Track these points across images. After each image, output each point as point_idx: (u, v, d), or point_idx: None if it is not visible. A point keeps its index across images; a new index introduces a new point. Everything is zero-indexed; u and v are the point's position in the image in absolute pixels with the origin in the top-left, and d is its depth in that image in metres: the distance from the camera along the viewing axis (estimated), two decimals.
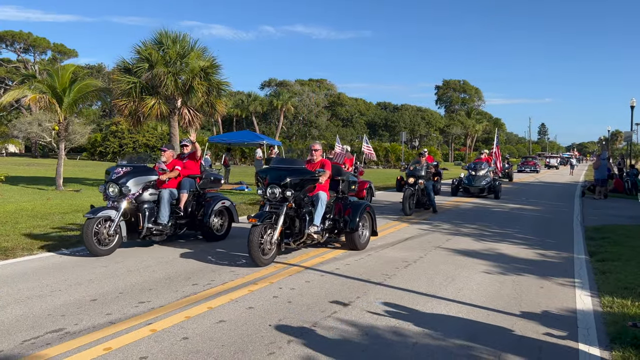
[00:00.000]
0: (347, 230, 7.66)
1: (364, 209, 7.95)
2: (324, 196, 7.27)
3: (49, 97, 17.40)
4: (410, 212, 12.32)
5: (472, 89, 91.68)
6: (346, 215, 7.74)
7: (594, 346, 4.19)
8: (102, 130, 53.11)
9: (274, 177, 6.88)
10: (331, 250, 7.87)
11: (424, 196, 13.14)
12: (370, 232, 8.20)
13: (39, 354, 3.74)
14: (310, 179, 7.13)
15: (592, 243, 8.92)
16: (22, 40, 57.91)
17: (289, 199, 6.77)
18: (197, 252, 7.62)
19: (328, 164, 7.69)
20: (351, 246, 7.81)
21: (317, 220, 7.13)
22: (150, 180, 7.85)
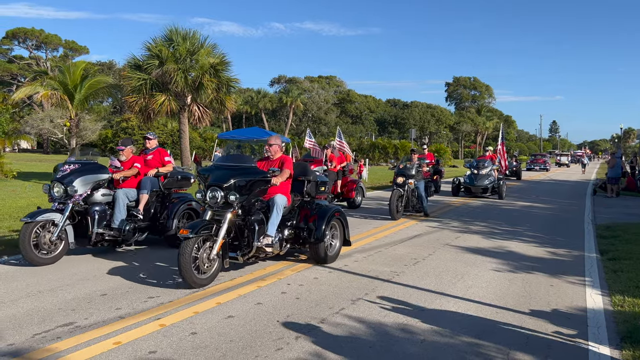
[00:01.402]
0: (312, 240, 6.46)
1: (332, 215, 6.75)
2: (281, 200, 6.10)
3: (60, 93, 17.56)
4: (398, 216, 11.09)
5: (483, 86, 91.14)
6: (311, 223, 6.59)
7: (604, 345, 4.15)
8: (113, 127, 53.42)
9: (216, 177, 5.73)
10: None
11: (415, 198, 11.81)
12: (341, 242, 7.04)
13: (50, 348, 3.78)
14: (262, 180, 5.99)
15: (603, 241, 8.84)
16: (34, 37, 58.46)
17: (233, 204, 5.60)
18: None
19: (289, 161, 6.54)
20: (316, 259, 6.62)
21: (270, 229, 5.96)
22: (101, 179, 6.94)
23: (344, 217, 7.09)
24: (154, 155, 7.95)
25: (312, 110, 71.33)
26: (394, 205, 11.01)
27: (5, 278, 5.75)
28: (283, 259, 6.86)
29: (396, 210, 11.06)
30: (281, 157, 6.62)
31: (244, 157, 6.33)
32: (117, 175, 7.20)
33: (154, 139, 8.10)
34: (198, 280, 5.32)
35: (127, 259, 6.80)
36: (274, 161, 6.58)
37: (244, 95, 62.28)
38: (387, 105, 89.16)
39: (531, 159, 47.80)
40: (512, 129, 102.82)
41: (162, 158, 7.93)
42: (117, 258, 6.84)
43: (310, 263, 6.72)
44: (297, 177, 6.79)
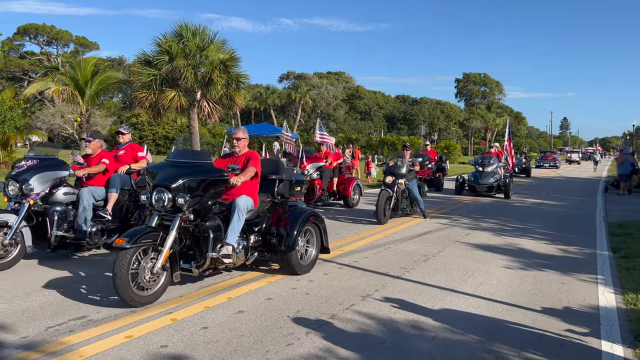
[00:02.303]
0: (282, 248, 5.66)
1: (306, 218, 5.95)
2: (243, 203, 5.30)
3: (71, 89, 17.69)
4: (385, 220, 9.83)
5: (493, 82, 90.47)
6: (282, 228, 5.78)
7: (617, 344, 4.11)
8: (123, 122, 53.80)
9: (163, 176, 4.92)
10: (349, 244, 7.86)
11: (406, 199, 10.62)
12: (318, 250, 6.25)
13: (62, 341, 3.81)
14: (219, 180, 5.17)
15: (616, 239, 8.75)
16: (45, 33, 58.82)
17: (182, 208, 4.77)
18: None
19: (255, 158, 5.73)
20: (288, 269, 5.80)
21: (230, 237, 5.16)
22: (61, 176, 6.33)
23: (321, 221, 6.28)
24: (125, 151, 7.37)
25: (321, 106, 71.23)
26: (381, 208, 9.77)
27: (19, 271, 5.80)
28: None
29: (383, 213, 9.78)
30: (247, 153, 5.83)
31: (198, 153, 5.69)
32: (80, 172, 6.60)
33: (128, 134, 7.52)
34: (138, 297, 4.52)
35: None
36: (239, 157, 5.80)
37: (253, 91, 62.32)
38: (396, 102, 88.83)
39: (540, 155, 46.95)
40: (522, 126, 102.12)
41: (134, 153, 7.35)
42: None
43: (320, 259, 6.71)
44: (267, 176, 6.01)
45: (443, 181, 17.94)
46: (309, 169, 11.51)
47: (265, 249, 5.84)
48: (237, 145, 5.85)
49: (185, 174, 4.90)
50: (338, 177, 12.48)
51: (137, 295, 4.52)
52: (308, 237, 6.18)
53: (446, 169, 20.44)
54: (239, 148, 5.85)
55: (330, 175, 12.12)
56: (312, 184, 11.42)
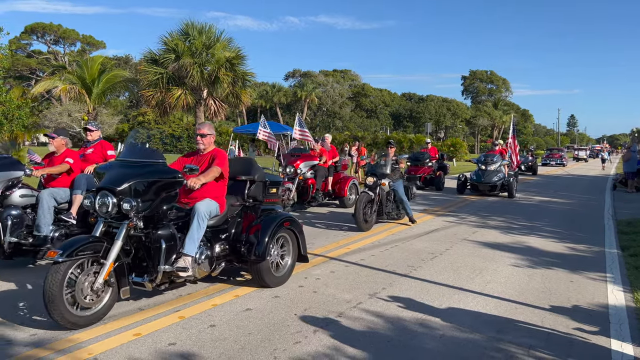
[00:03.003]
0: (252, 257, 5.06)
1: (279, 224, 5.36)
2: (205, 208, 4.69)
3: (78, 87, 17.78)
4: (367, 227, 8.74)
5: (500, 80, 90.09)
6: (252, 235, 5.20)
7: (627, 342, 4.08)
8: (130, 121, 54.01)
9: (109, 178, 4.37)
10: (357, 241, 7.85)
11: (391, 202, 9.55)
12: (294, 259, 5.65)
13: (71, 338, 3.83)
14: (172, 182, 4.54)
15: (624, 237, 8.69)
16: (52, 32, 59.15)
17: (129, 214, 4.20)
18: None
19: (221, 156, 5.11)
20: (259, 281, 5.19)
21: (189, 247, 4.56)
22: (14, 176, 5.77)
23: (297, 227, 5.67)
24: (94, 149, 6.77)
25: (326, 104, 71.19)
26: (359, 212, 8.56)
27: (36, 268, 5.83)
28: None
29: (363, 219, 8.64)
30: (213, 151, 5.21)
31: (151, 151, 4.91)
32: (39, 171, 6.03)
33: (97, 131, 6.86)
34: (74, 318, 3.94)
35: None
36: (204, 156, 5.18)
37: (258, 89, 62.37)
38: (403, 99, 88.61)
39: (547, 153, 46.13)
40: (529, 123, 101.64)
41: (104, 152, 6.76)
42: None
43: (327, 257, 6.72)
44: (236, 177, 5.47)
45: (444, 180, 17.32)
46: (302, 167, 11.06)
47: (235, 258, 5.20)
48: (202, 142, 5.17)
49: (133, 176, 4.32)
50: (334, 176, 11.93)
51: (74, 316, 3.94)
52: (283, 245, 5.57)
53: (447, 168, 19.87)
54: (203, 145, 5.18)
55: (324, 174, 11.55)
56: (305, 183, 11.08)
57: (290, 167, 10.98)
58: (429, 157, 17.51)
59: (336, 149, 12.82)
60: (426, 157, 17.39)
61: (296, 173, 10.89)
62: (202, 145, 5.19)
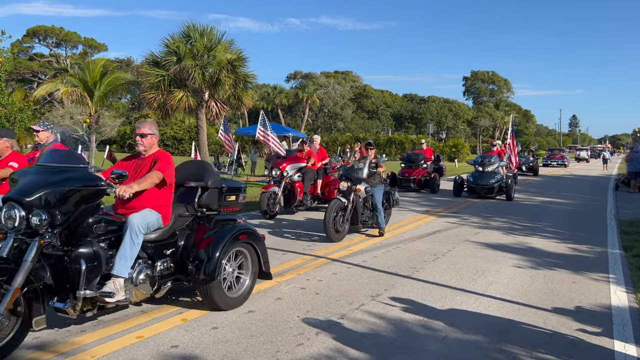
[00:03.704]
0: (201, 277, 4.39)
1: (233, 238, 4.66)
2: (140, 221, 4.03)
3: (80, 90, 17.81)
4: (338, 237, 7.86)
5: (501, 80, 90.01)
6: (202, 250, 4.53)
7: (630, 343, 4.07)
8: (131, 123, 54.09)
9: (20, 186, 3.68)
10: (358, 243, 7.85)
11: (368, 210, 8.61)
12: (254, 277, 4.96)
13: (74, 341, 3.84)
14: (94, 191, 3.81)
15: (627, 237, 8.67)
16: (54, 35, 59.31)
17: (39, 229, 3.54)
18: None
19: (164, 160, 4.40)
20: (211, 304, 4.54)
21: (119, 267, 3.90)
22: None
23: (257, 240, 4.96)
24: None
25: (328, 106, 71.20)
26: (329, 221, 7.66)
27: None
28: (300, 254, 6.87)
29: (334, 228, 7.76)
30: (156, 153, 4.50)
31: (72, 155, 4.22)
32: None
33: (45, 131, 6.13)
34: None
35: None
36: (145, 160, 4.50)
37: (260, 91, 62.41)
38: (404, 100, 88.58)
39: (548, 154, 45.76)
40: (531, 124, 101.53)
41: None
42: None
43: (329, 258, 6.72)
44: (182, 183, 4.82)
45: (439, 182, 16.75)
46: (289, 170, 10.60)
47: (183, 277, 4.54)
48: (141, 143, 4.46)
49: (46, 184, 3.63)
50: (323, 179, 11.33)
51: None
52: (241, 262, 4.92)
53: (443, 169, 19.09)
54: (143, 147, 4.47)
55: (313, 177, 11.00)
56: (292, 186, 10.58)
57: (276, 170, 10.57)
58: (424, 158, 17.08)
59: (325, 151, 12.28)
60: (421, 159, 16.99)
61: (282, 176, 10.46)
62: (142, 147, 4.48)
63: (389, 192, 9.18)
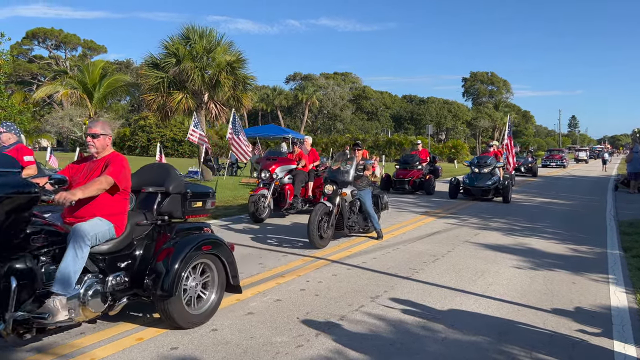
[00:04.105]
0: (158, 292, 3.95)
1: (196, 248, 4.20)
2: (87, 231, 3.61)
3: (80, 92, 17.84)
4: (323, 243, 7.42)
5: (500, 81, 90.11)
6: (160, 263, 4.07)
7: (629, 344, 4.07)
8: (131, 125, 54.12)
9: None
10: (358, 244, 7.85)
11: (355, 214, 8.21)
12: (220, 292, 4.51)
13: (73, 343, 3.83)
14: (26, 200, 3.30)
15: (627, 238, 8.68)
16: (53, 37, 59.38)
17: None
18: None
19: (116, 162, 3.96)
20: (170, 323, 4.11)
21: (61, 284, 3.48)
22: None
23: (223, 251, 4.50)
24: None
25: (327, 107, 71.26)
26: (314, 226, 7.22)
27: None
28: (300, 255, 6.87)
29: (318, 234, 7.30)
30: (109, 156, 4.06)
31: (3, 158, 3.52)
32: None
33: (7, 132, 5.92)
34: None
35: None
36: (97, 162, 4.04)
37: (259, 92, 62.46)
38: (403, 101, 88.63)
39: (547, 154, 45.38)
40: (530, 125, 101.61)
41: (20, 158, 5.86)
42: None
43: (329, 260, 6.72)
44: (141, 188, 4.46)
45: (435, 184, 16.40)
46: (278, 172, 10.28)
47: (141, 291, 4.07)
48: (93, 144, 4.01)
49: None
50: (314, 181, 10.95)
51: None
52: (205, 274, 4.45)
53: (439, 171, 18.50)
54: (95, 149, 4.03)
55: (304, 179, 10.68)
56: (282, 189, 10.29)
57: (266, 172, 10.20)
58: (419, 159, 16.73)
59: (317, 152, 11.89)
60: (416, 160, 16.64)
61: (272, 178, 10.12)
62: (94, 149, 4.02)
63: (378, 195, 8.88)
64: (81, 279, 3.64)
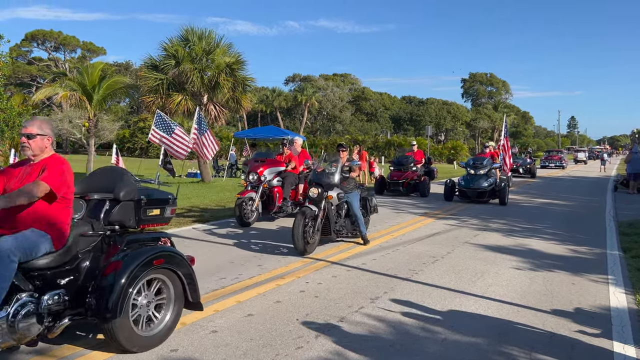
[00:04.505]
0: (101, 312, 3.49)
1: (146, 263, 3.72)
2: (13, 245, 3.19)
3: (79, 94, 17.82)
4: (309, 249, 7.05)
5: (499, 82, 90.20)
6: (104, 279, 3.60)
7: (629, 344, 4.08)
8: (130, 127, 54.15)
9: None
10: (358, 245, 7.85)
11: (342, 218, 7.78)
12: (176, 311, 4.04)
13: (72, 346, 3.82)
14: None
15: (626, 239, 8.68)
16: (52, 39, 59.39)
17: None
18: (221, 247, 7.69)
19: (53, 166, 3.51)
20: (116, 346, 3.67)
21: None
22: None
23: (180, 265, 4.01)
24: None
25: (327, 108, 71.29)
26: (298, 231, 6.83)
27: None
28: (299, 257, 6.86)
29: (303, 240, 6.90)
30: (47, 159, 3.60)
31: None
32: None
33: None
34: None
35: None
36: (34, 166, 3.58)
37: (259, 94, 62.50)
38: (403, 102, 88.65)
39: (545, 155, 44.79)
40: (529, 125, 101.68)
41: None
42: None
43: (328, 261, 6.72)
44: (86, 195, 4.01)
45: (429, 186, 15.91)
46: (267, 174, 9.90)
47: (84, 310, 3.59)
48: (28, 146, 3.54)
49: None
50: (304, 184, 10.32)
51: None
52: (160, 292, 4.00)
53: (435, 172, 17.91)
54: (31, 151, 3.56)
55: (293, 181, 10.28)
56: (271, 191, 9.88)
57: (253, 174, 9.76)
58: (414, 161, 16.34)
59: (308, 154, 11.29)
60: (410, 161, 16.28)
61: (260, 180, 9.71)
62: (30, 151, 3.55)
63: (366, 197, 8.49)
64: (10, 299, 3.17)
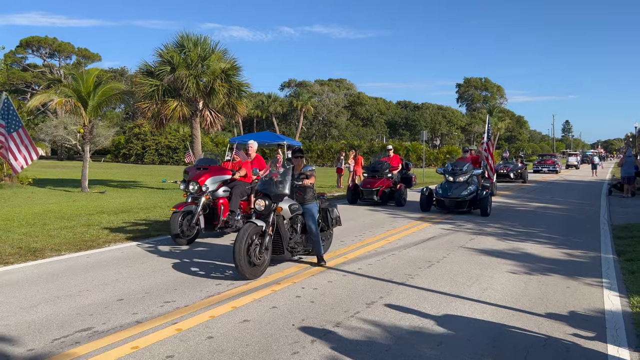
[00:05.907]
0: None
1: None
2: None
3: (74, 100, 17.77)
4: (256, 272, 5.99)
5: (494, 87, 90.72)
6: None
7: (623, 347, 4.10)
8: (126, 133, 54.05)
9: None
10: (353, 250, 7.86)
11: (297, 233, 6.67)
12: None
13: (69, 353, 3.82)
14: None
15: (620, 242, 8.73)
16: (47, 46, 59.30)
17: None
18: (217, 252, 7.69)
19: None
20: None
21: None
22: None
23: None
24: None
25: (322, 114, 71.44)
26: (241, 252, 5.74)
27: (24, 283, 5.82)
28: (295, 262, 6.87)
29: (247, 262, 5.85)
30: None
31: None
32: None
33: None
34: None
35: (142, 265, 6.85)
36: None
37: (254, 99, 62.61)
38: (398, 107, 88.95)
39: (538, 159, 44.21)
40: (524, 130, 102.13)
41: None
42: (130, 264, 6.89)
43: (324, 266, 6.72)
44: None
45: (406, 194, 14.67)
46: (209, 184, 8.50)
47: None
48: None
49: None
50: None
51: None
52: None
53: (413, 179, 16.05)
54: None
55: (244, 191, 8.94)
56: (214, 204, 8.52)
57: (194, 184, 8.42)
58: (389, 167, 14.86)
59: (264, 160, 10.05)
60: (385, 167, 14.79)
61: (201, 191, 8.41)
62: None
63: (327, 209, 7.28)
64: None
